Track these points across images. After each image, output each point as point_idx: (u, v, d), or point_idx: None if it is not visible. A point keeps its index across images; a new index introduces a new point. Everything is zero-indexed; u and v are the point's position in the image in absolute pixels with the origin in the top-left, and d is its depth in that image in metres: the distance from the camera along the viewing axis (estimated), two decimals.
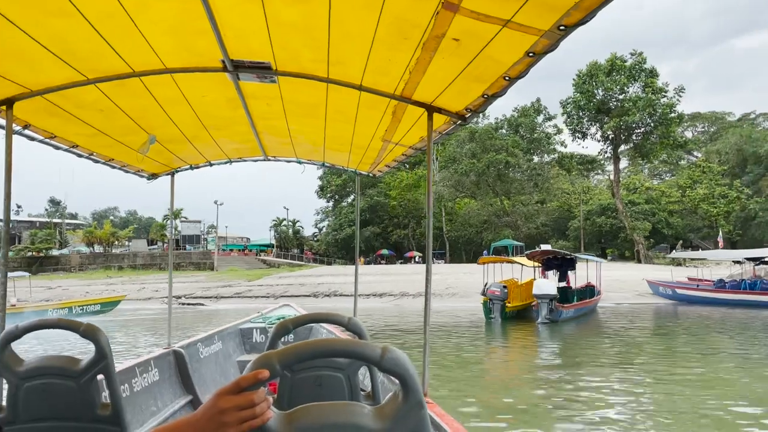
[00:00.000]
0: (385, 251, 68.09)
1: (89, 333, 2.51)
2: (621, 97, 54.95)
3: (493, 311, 22.61)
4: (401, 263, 61.51)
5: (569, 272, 25.21)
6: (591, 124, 57.35)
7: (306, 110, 3.91)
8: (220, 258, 59.97)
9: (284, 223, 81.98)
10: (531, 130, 71.16)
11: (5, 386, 2.48)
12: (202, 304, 31.91)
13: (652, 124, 53.01)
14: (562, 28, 2.01)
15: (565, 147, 76.05)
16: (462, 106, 3.17)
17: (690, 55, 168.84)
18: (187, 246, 67.43)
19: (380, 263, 62.73)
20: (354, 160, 5.27)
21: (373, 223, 70.59)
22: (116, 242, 70.62)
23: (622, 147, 59.61)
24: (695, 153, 69.82)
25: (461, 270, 42.82)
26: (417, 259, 64.30)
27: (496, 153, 64.56)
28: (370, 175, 5.79)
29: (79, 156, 4.35)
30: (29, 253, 62.76)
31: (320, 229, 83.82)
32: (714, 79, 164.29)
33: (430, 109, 3.31)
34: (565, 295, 23.69)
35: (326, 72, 3.10)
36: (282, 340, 2.78)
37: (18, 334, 2.47)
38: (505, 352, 17.00)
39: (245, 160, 5.76)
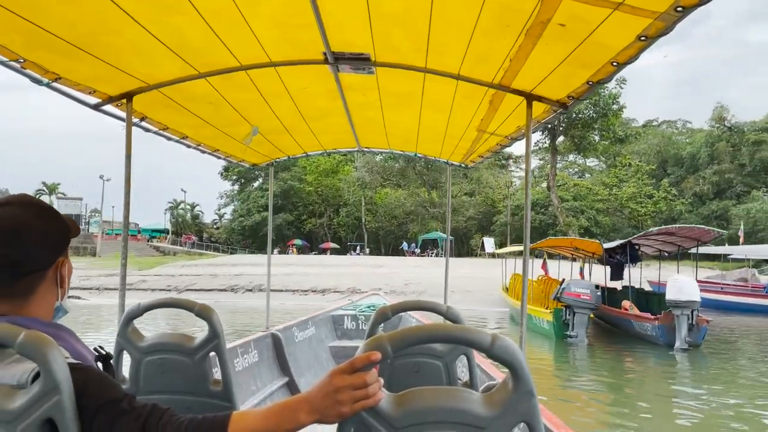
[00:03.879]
0: (298, 241, 61.72)
1: (204, 313, 2.64)
2: None
3: (575, 326, 14.44)
4: (315, 254, 55.03)
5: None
6: None
7: (401, 100, 4.00)
8: (104, 242, 51.51)
9: (182, 206, 72.77)
10: None
11: (127, 360, 2.65)
12: (79, 297, 24.00)
13: (594, 116, 49.87)
14: (679, 9, 1.91)
15: None
16: (564, 93, 3.12)
17: None
18: None
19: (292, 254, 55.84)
20: (446, 150, 5.31)
21: (285, 210, 64.10)
22: None
23: (560, 139, 56.44)
24: (602, 157, 68.82)
25: (410, 263, 37.12)
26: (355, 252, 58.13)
27: None
28: (462, 165, 5.83)
29: (188, 146, 4.56)
30: None
31: (220, 216, 75.44)
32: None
33: (530, 98, 3.28)
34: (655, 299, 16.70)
35: (424, 62, 3.20)
36: (379, 327, 2.89)
37: (140, 312, 2.64)
38: None
39: (340, 151, 5.97)
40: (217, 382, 2.66)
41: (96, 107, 3.42)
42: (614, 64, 2.53)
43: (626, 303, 16.40)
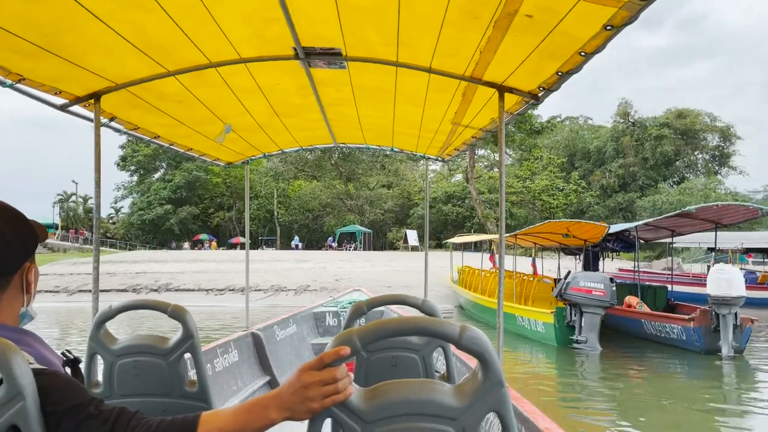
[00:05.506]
0: (204, 236, 57.69)
1: (177, 314, 2.64)
2: None
3: (583, 329, 11.80)
4: (224, 250, 51.94)
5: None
6: None
7: (375, 95, 4.03)
8: None
9: (72, 199, 66.77)
10: None
11: (101, 363, 2.64)
12: None
13: None
14: None
15: None
16: (535, 84, 3.17)
17: None
18: None
19: (199, 249, 52.34)
20: (422, 144, 5.34)
21: (190, 203, 60.04)
22: None
23: None
24: (509, 152, 69.97)
25: (336, 257, 35.03)
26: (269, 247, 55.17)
27: None
28: (439, 159, 5.85)
29: (161, 146, 4.56)
30: None
31: (117, 210, 70.09)
32: None
33: (502, 89, 3.34)
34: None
35: (395, 55, 3.23)
36: (356, 322, 2.94)
37: (111, 314, 2.63)
38: None
39: (316, 148, 6.02)
40: (193, 382, 2.65)
41: (62, 108, 3.40)
42: (582, 54, 2.57)
43: (632, 299, 14.02)
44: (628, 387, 9.48)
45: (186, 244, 57.20)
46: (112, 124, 3.86)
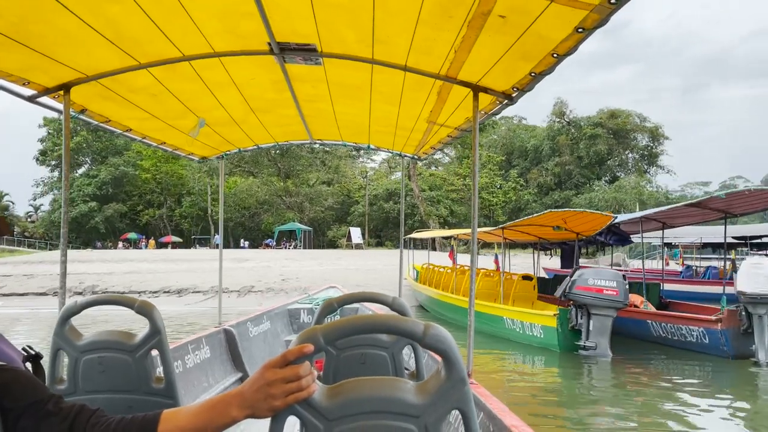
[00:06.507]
0: (133, 235, 54.81)
1: (144, 309, 2.61)
2: None
3: (591, 334, 10.43)
4: (155, 249, 49.52)
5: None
6: None
7: (351, 92, 4.03)
8: None
9: None
10: None
11: (66, 359, 2.60)
12: None
13: None
14: (612, 1, 1.99)
15: None
16: (509, 85, 3.20)
17: None
18: None
19: (127, 248, 49.52)
20: (399, 142, 5.37)
21: (117, 200, 56.80)
22: None
23: None
24: (446, 150, 70.27)
25: (279, 256, 33.70)
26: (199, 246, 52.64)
27: None
28: (415, 157, 5.89)
29: (133, 140, 4.56)
30: None
31: (36, 208, 66.01)
32: None
33: (476, 89, 3.36)
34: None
35: (371, 53, 3.23)
36: (327, 319, 2.94)
37: (77, 309, 2.59)
38: None
39: (292, 144, 6.03)
40: (160, 379, 2.63)
41: (31, 99, 3.33)
42: (554, 55, 2.58)
43: (636, 298, 12.45)
44: (657, 402, 7.99)
45: (120, 244, 53.89)
46: (83, 116, 3.82)
